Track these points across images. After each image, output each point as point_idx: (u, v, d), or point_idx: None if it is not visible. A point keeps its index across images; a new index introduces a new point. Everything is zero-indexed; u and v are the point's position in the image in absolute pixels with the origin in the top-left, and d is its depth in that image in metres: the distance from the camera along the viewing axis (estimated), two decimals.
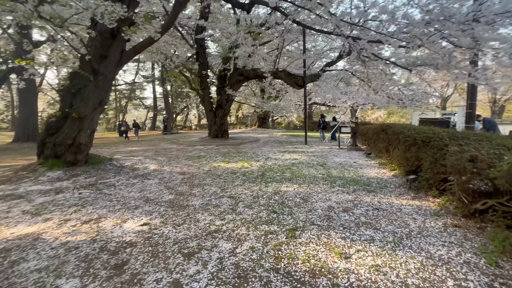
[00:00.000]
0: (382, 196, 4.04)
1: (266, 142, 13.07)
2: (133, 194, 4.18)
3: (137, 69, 32.33)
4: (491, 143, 3.31)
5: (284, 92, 17.62)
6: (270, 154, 8.71)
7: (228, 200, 3.85)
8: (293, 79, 11.57)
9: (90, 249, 2.40)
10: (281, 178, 5.25)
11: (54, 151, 5.35)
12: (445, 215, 3.26)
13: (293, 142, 13.18)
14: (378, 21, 4.50)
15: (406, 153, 5.27)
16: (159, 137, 18.86)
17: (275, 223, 2.98)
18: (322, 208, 3.50)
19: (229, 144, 11.87)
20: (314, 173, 5.70)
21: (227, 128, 14.29)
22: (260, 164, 6.84)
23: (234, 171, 5.93)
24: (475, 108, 6.71)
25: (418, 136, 4.76)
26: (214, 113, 13.52)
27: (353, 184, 4.77)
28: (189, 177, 5.49)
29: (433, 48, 3.84)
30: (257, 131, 24.05)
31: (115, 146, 12.29)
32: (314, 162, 7.11)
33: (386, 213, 3.35)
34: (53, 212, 3.35)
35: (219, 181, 5.03)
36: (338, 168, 6.34)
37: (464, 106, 7.31)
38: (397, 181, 5.05)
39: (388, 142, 6.71)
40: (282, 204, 3.65)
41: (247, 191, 4.33)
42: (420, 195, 4.10)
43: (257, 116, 28.54)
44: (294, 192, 4.22)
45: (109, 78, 5.40)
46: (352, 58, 7.31)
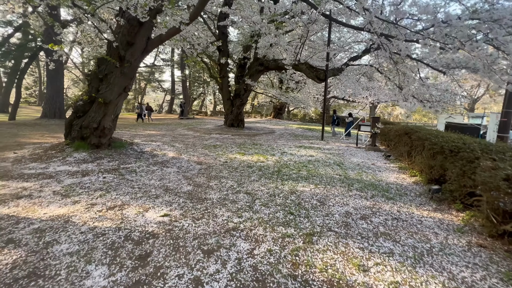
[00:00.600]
0: (401, 205, 3.93)
1: (282, 135, 12.98)
2: (154, 182, 4.32)
3: (157, 51, 32.56)
4: None
5: (303, 84, 17.22)
6: (285, 149, 8.66)
7: (245, 196, 3.90)
8: (315, 72, 11.24)
9: (116, 237, 2.53)
10: (297, 176, 5.22)
11: (80, 133, 5.58)
12: (470, 232, 3.13)
13: (309, 136, 13.01)
14: (415, 20, 4.20)
15: (431, 161, 5.06)
16: (176, 122, 19.20)
17: (292, 226, 2.99)
18: (339, 213, 3.47)
19: (244, 134, 11.90)
20: (331, 173, 5.62)
21: (243, 118, 14.29)
22: (276, 159, 6.82)
23: (250, 165, 5.96)
24: (511, 117, 6.25)
25: (446, 144, 4.54)
26: (232, 102, 13.51)
27: (371, 188, 4.67)
28: (206, 167, 5.58)
29: (475, 53, 3.55)
30: (272, 121, 23.88)
31: (134, 129, 12.66)
32: (331, 161, 7.00)
33: (406, 224, 3.27)
34: (80, 195, 3.54)
35: (236, 175, 5.08)
36: (356, 169, 6.21)
37: (498, 113, 6.83)
38: (418, 189, 4.89)
39: (411, 147, 6.45)
40: (299, 205, 3.65)
41: (263, 187, 4.35)
42: (442, 207, 3.95)
43: (273, 107, 28.25)
44: (311, 193, 4.20)
45: (134, 66, 5.48)
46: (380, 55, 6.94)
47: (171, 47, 27.71)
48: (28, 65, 18.09)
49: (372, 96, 17.84)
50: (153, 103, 52.73)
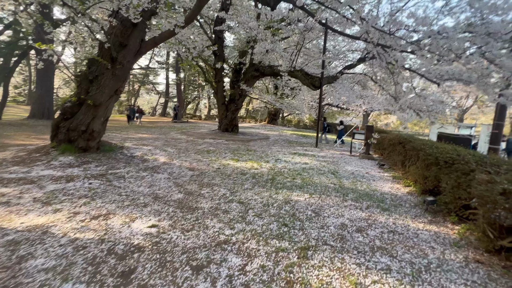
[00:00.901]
0: (397, 217, 3.86)
1: (276, 141, 12.91)
2: (142, 189, 4.14)
3: (152, 54, 32.34)
4: None
5: (298, 91, 17.30)
6: (279, 155, 8.57)
7: (238, 205, 3.76)
8: (310, 79, 11.28)
9: (98, 250, 2.35)
10: (292, 185, 5.12)
11: (67, 136, 5.36)
12: (466, 247, 3.07)
13: (303, 143, 12.98)
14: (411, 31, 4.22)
15: (425, 172, 5.04)
16: (169, 125, 18.94)
17: (286, 239, 2.87)
18: (334, 225, 3.37)
19: (238, 140, 11.78)
20: (325, 182, 5.54)
21: (237, 123, 14.19)
22: (270, 166, 6.71)
23: (244, 172, 5.83)
24: (502, 129, 6.35)
25: (441, 156, 4.52)
26: (226, 107, 13.41)
27: (366, 199, 4.60)
28: (198, 174, 5.42)
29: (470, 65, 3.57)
30: (266, 127, 23.86)
31: (126, 132, 12.38)
32: (325, 169, 6.94)
33: (402, 237, 3.19)
34: (63, 203, 3.33)
35: (228, 182, 4.94)
36: (350, 178, 6.15)
37: (489, 124, 6.93)
38: (412, 199, 4.85)
39: (405, 156, 6.45)
40: (293, 216, 3.53)
41: (257, 196, 4.23)
42: (437, 220, 3.90)
43: (268, 112, 28.29)
44: (305, 203, 4.09)
45: (127, 68, 5.32)
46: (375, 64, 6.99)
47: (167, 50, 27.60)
48: (18, 64, 17.60)
49: (366, 105, 18.02)
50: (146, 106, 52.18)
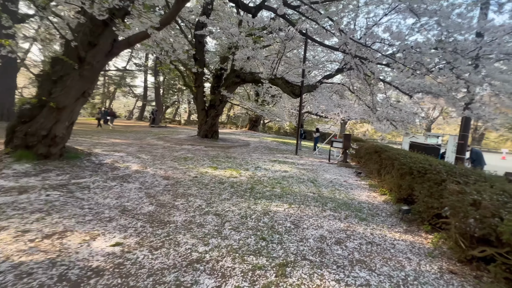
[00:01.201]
0: (374, 227, 3.87)
1: (256, 148, 12.82)
2: (109, 201, 3.78)
3: (130, 56, 31.19)
4: (491, 187, 3.21)
5: (278, 98, 17.47)
6: (259, 163, 8.46)
7: (214, 218, 3.55)
8: (290, 87, 11.41)
9: (47, 278, 2.03)
10: (271, 194, 5.00)
11: (25, 141, 4.82)
12: (440, 257, 3.12)
13: (283, 150, 13.02)
14: (386, 44, 4.37)
15: (400, 181, 5.18)
16: (146, 130, 18.16)
17: (264, 255, 2.71)
18: (314, 237, 3.28)
19: (218, 146, 11.52)
20: (304, 191, 5.49)
21: (217, 129, 13.93)
22: (249, 174, 6.56)
23: (222, 181, 5.62)
24: (467, 139, 6.77)
25: (414, 165, 4.67)
26: (206, 113, 13.13)
27: (344, 208, 4.60)
28: (173, 183, 5.12)
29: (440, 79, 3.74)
30: (247, 133, 23.77)
31: (97, 136, 11.60)
32: (305, 177, 6.92)
33: (380, 249, 3.17)
34: (10, 219, 2.91)
35: (205, 192, 4.70)
36: (329, 186, 6.17)
37: (455, 135, 7.37)
38: (388, 208, 4.94)
39: (381, 165, 6.63)
40: (272, 229, 3.39)
41: (234, 208, 4.04)
42: (412, 228, 3.97)
43: (249, 119, 28.28)
44: (285, 214, 3.98)
45: (97, 68, 4.95)
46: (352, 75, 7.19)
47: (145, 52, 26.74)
48: None
49: (343, 113, 18.66)
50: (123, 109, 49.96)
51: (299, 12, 6.25)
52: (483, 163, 7.96)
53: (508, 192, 2.97)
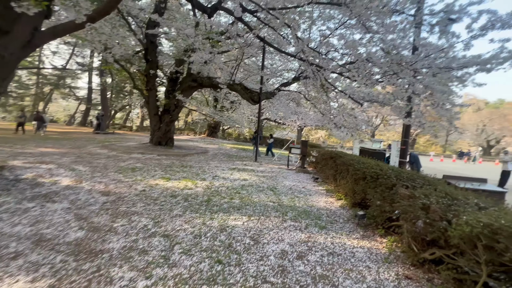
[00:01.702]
0: (334, 235, 3.83)
1: (215, 155, 12.32)
2: (20, 230, 2.95)
3: (71, 53, 27.65)
4: (435, 190, 3.43)
5: (238, 104, 17.30)
6: (218, 172, 8.03)
7: (161, 241, 3.04)
8: (249, 94, 11.31)
9: None
10: (229, 206, 4.64)
11: None
12: (395, 262, 3.17)
13: (243, 157, 12.78)
14: (341, 53, 4.49)
15: (354, 186, 5.35)
16: (89, 137, 16.03)
17: (220, 282, 2.35)
18: (275, 253, 3.03)
19: (173, 154, 10.69)
20: (264, 201, 5.28)
21: (172, 136, 13.01)
22: (206, 185, 6.10)
23: (175, 194, 5.05)
24: (408, 145, 7.48)
25: (368, 171, 4.85)
26: (160, 118, 12.16)
27: (304, 217, 4.50)
28: (114, 199, 4.38)
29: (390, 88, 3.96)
30: (206, 140, 22.97)
31: (22, 145, 9.69)
32: (264, 185, 6.75)
33: (341, 259, 3.08)
34: None
35: (154, 209, 4.11)
36: (289, 194, 6.09)
37: (398, 141, 8.09)
38: (345, 214, 5.02)
39: (336, 170, 6.86)
40: (229, 247, 3.04)
41: (187, 225, 3.57)
42: (368, 233, 4.05)
43: (208, 125, 27.49)
44: (244, 228, 3.67)
45: (10, 61, 3.97)
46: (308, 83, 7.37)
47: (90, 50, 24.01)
48: None
49: (300, 120, 19.44)
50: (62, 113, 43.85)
51: (256, 17, 6.15)
52: (419, 165, 8.92)
53: (450, 194, 3.18)
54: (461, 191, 3.48)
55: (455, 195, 3.17)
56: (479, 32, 3.75)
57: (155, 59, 10.82)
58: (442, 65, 4.09)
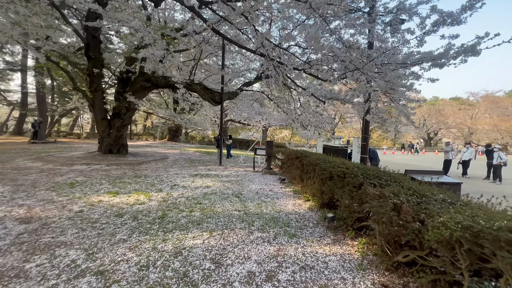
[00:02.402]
0: (305, 243, 3.52)
1: (176, 161, 11.40)
2: None
3: None
4: (402, 187, 3.33)
5: (199, 106, 16.45)
6: (177, 180, 7.29)
7: (92, 282, 2.35)
8: (210, 94, 10.68)
9: None
10: (188, 221, 4.05)
11: None
12: (369, 267, 2.96)
13: (207, 161, 12.08)
14: (302, 48, 4.23)
15: (321, 186, 5.18)
16: (23, 147, 13.61)
17: None
18: (240, 277, 2.57)
19: (126, 163, 9.53)
20: (229, 210, 4.79)
21: (125, 142, 11.69)
22: (163, 197, 5.38)
23: (121, 212, 4.27)
24: (368, 141, 7.68)
25: (334, 170, 4.69)
26: (109, 123, 10.80)
27: (272, 225, 4.13)
28: (36, 228, 3.46)
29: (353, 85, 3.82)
30: (166, 145, 21.53)
31: None
32: (229, 192, 6.25)
33: (314, 273, 2.76)
34: None
35: (90, 235, 3.32)
36: (255, 199, 5.70)
37: (358, 138, 8.28)
38: (314, 216, 4.79)
39: (302, 171, 6.68)
40: (184, 277, 2.49)
41: (132, 254, 2.91)
42: (339, 237, 3.84)
43: (168, 128, 25.87)
44: (204, 249, 3.14)
45: None
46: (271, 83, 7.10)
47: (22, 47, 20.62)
48: None
49: (264, 120, 19.34)
50: None
51: (211, 9, 5.64)
52: (378, 160, 9.31)
53: (417, 191, 3.09)
54: (425, 186, 3.46)
55: (423, 191, 3.08)
56: (431, 28, 3.80)
57: (99, 56, 9.50)
58: (400, 61, 4.11)
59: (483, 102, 47.70)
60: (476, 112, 46.14)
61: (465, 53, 3.25)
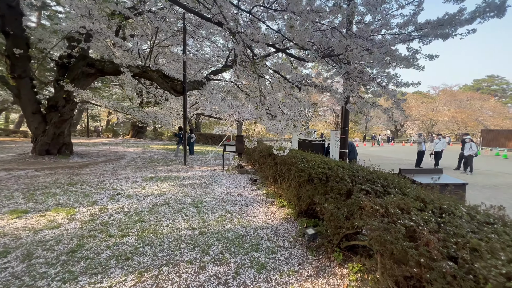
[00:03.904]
0: (278, 279, 2.49)
1: (132, 161, 9.80)
2: None
3: None
4: (405, 195, 2.43)
5: (163, 99, 14.71)
6: (125, 186, 5.88)
7: None
8: (170, 83, 9.19)
9: None
10: (112, 255, 2.80)
11: None
12: None
13: (170, 160, 10.62)
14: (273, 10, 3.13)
15: (299, 191, 4.21)
16: None
17: None
18: None
19: (64, 166, 7.78)
20: (180, 228, 3.61)
21: (69, 141, 9.78)
22: (92, 214, 4.02)
23: (11, 246, 2.88)
24: (348, 133, 6.91)
25: (314, 171, 3.72)
26: (44, 118, 8.85)
27: (236, 250, 3.05)
28: None
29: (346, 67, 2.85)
30: (129, 142, 19.41)
31: None
32: (187, 200, 5.05)
33: None
34: None
35: None
36: (218, 209, 4.58)
37: (336, 131, 7.50)
38: (290, 230, 3.81)
39: (276, 170, 5.68)
40: None
41: None
42: (323, 262, 2.88)
43: (131, 124, 23.50)
44: None
45: None
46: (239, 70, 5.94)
47: None
48: None
49: (237, 114, 18.11)
50: None
51: None
52: (356, 154, 8.66)
53: (430, 202, 2.20)
54: (431, 191, 2.62)
55: (438, 203, 2.20)
56: None
57: (22, 34, 7.52)
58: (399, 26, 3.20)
59: (443, 96, 51.05)
60: (436, 105, 49.24)
61: (487, 12, 2.42)
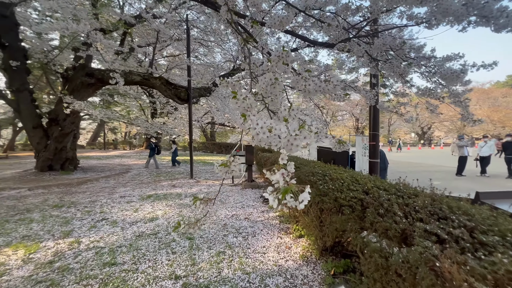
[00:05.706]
0: None
1: (136, 176, 9.13)
2: None
3: None
4: None
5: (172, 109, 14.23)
6: (116, 208, 5.08)
7: None
8: (173, 90, 8.50)
9: None
10: None
11: None
12: None
13: (177, 173, 9.85)
14: None
15: (322, 222, 3.09)
16: None
17: None
18: None
19: (62, 184, 7.21)
20: (157, 278, 2.63)
21: (73, 155, 9.34)
22: (56, 251, 3.18)
23: None
24: (378, 140, 5.67)
25: (342, 196, 2.60)
26: (45, 132, 8.47)
27: None
28: None
29: None
30: (141, 154, 19.17)
31: None
32: (181, 228, 4.08)
33: None
34: None
35: None
36: (217, 242, 3.56)
37: (362, 136, 6.26)
38: (312, 278, 2.69)
39: None
40: None
41: None
42: None
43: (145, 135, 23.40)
44: None
45: None
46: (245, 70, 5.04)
47: None
48: None
49: None
50: None
51: None
52: (386, 163, 7.29)
53: None
54: None
55: None
56: None
57: (18, 44, 7.21)
58: None
59: (474, 94, 47.12)
60: None
61: None
